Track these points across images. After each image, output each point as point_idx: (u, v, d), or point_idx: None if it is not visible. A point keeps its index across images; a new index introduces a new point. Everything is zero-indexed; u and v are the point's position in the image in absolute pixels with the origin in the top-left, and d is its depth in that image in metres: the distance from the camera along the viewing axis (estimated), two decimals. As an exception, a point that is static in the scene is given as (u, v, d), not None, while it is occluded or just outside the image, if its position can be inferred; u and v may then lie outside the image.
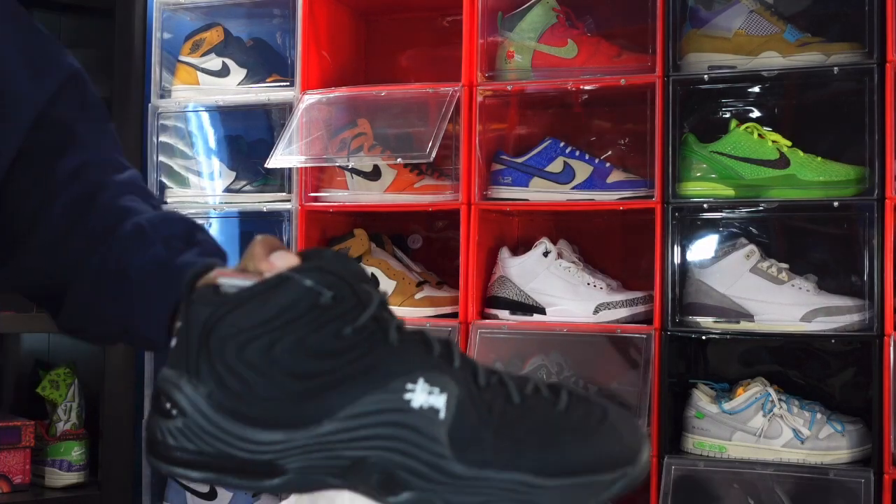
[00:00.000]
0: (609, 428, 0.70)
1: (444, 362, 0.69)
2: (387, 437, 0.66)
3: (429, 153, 2.09)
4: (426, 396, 0.67)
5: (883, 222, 1.91)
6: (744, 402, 2.02)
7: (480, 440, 0.67)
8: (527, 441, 0.68)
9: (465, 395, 0.68)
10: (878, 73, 1.93)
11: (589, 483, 0.67)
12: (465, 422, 0.67)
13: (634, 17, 2.17)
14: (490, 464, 0.67)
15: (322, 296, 0.66)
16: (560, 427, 0.69)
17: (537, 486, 0.67)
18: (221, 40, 2.46)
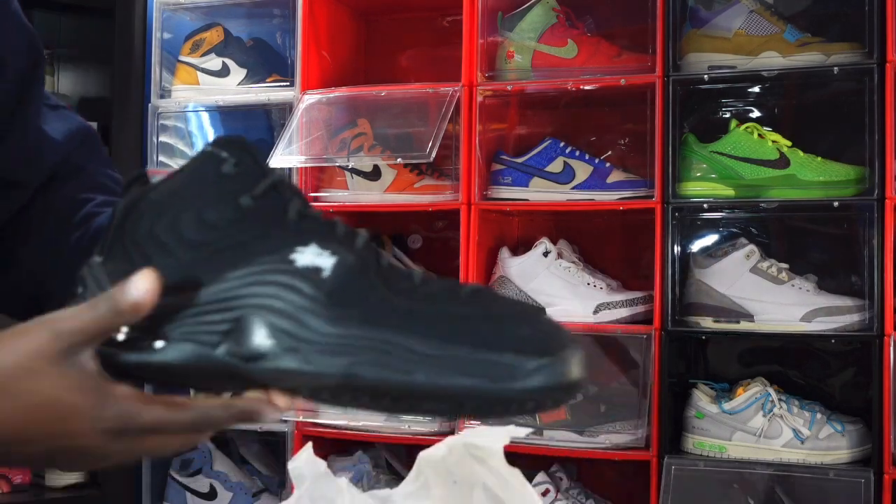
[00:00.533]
0: (527, 311, 0.63)
1: (346, 239, 0.66)
2: (263, 294, 0.63)
3: (429, 153, 2.09)
4: (313, 258, 0.64)
5: (883, 222, 1.91)
6: (744, 402, 2.02)
7: (363, 301, 0.63)
8: (421, 309, 0.62)
9: (358, 265, 0.65)
10: (878, 73, 1.93)
11: (484, 361, 0.60)
12: (351, 285, 0.64)
13: (634, 17, 2.17)
14: (362, 321, 0.62)
15: (225, 163, 0.66)
16: (463, 303, 0.63)
17: (419, 352, 0.60)
18: (221, 40, 2.46)
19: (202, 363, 0.64)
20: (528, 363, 0.59)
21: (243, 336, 0.63)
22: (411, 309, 0.62)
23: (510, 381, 0.59)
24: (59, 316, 0.63)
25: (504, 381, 0.59)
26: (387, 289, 0.64)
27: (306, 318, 0.62)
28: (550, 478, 2.13)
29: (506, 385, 0.59)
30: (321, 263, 0.64)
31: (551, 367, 0.59)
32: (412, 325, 0.61)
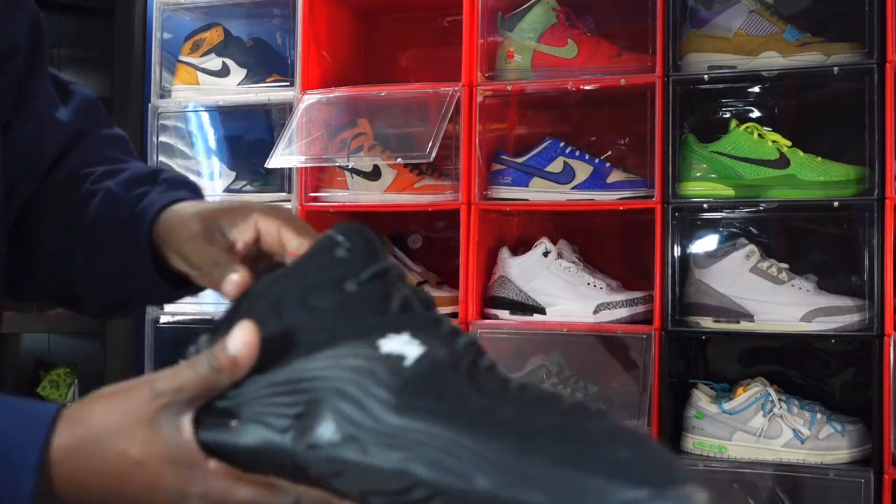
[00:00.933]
0: (624, 429, 0.54)
1: (447, 336, 0.61)
2: (339, 378, 0.60)
3: (429, 153, 2.09)
4: (400, 345, 0.60)
5: (883, 222, 1.91)
6: (744, 402, 2.02)
7: (438, 395, 0.57)
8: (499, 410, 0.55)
9: (448, 360, 0.59)
10: (877, 73, 1.93)
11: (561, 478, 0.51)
12: (432, 378, 0.58)
13: (634, 17, 2.17)
14: (429, 414, 0.56)
15: (339, 247, 0.65)
16: (555, 413, 0.55)
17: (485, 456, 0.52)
18: (221, 40, 2.46)
19: (269, 448, 0.60)
20: (623, 493, 0.50)
21: (311, 421, 0.59)
22: (489, 410, 0.55)
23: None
24: (160, 375, 0.61)
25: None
26: (473, 388, 0.57)
27: (373, 405, 0.58)
28: (550, 478, 2.13)
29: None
30: (406, 352, 0.59)
31: (652, 502, 0.49)
32: (484, 427, 0.54)
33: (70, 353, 2.61)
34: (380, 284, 0.64)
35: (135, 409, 0.60)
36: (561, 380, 2.21)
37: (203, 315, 2.40)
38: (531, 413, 0.55)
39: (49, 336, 2.71)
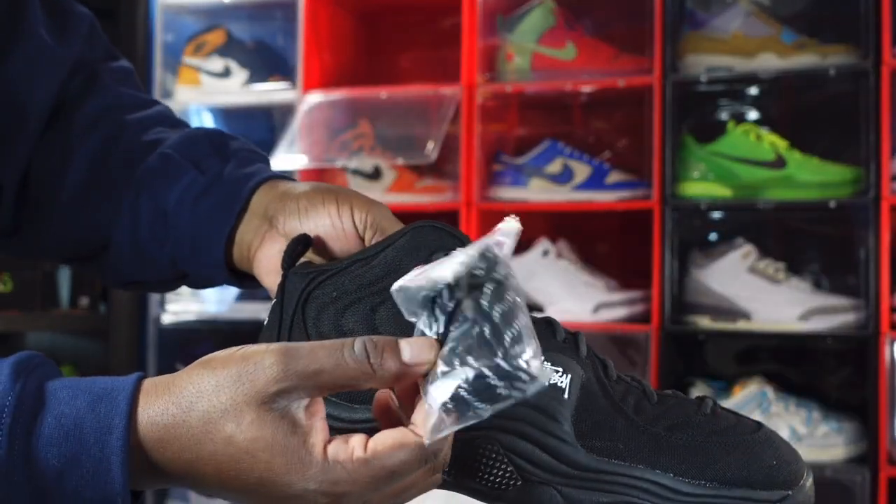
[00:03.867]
0: (765, 441, 0.62)
1: (570, 348, 0.62)
2: (503, 416, 0.55)
3: (430, 154, 2.11)
4: (550, 374, 0.60)
5: (878, 222, 1.93)
6: (741, 400, 2.04)
7: (611, 428, 0.60)
8: (668, 439, 0.60)
9: (593, 380, 0.61)
10: (873, 75, 1.94)
11: (740, 498, 0.59)
12: (593, 407, 0.60)
13: (633, 19, 2.19)
14: (621, 455, 0.59)
15: (434, 254, 0.60)
16: (708, 430, 0.61)
17: (677, 490, 0.59)
18: (224, 42, 2.48)
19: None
20: (776, 495, 0.60)
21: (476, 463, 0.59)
22: (659, 438, 0.60)
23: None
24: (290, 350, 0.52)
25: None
26: (626, 406, 0.61)
27: (558, 447, 0.59)
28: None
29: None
30: (558, 382, 0.59)
31: (794, 498, 0.61)
32: (665, 461, 0.59)
33: (73, 351, 2.63)
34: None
35: (251, 387, 0.51)
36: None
37: (205, 315, 2.41)
38: (693, 436, 0.61)
39: (52, 335, 2.72)
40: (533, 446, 0.59)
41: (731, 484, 0.59)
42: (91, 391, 0.52)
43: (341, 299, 0.60)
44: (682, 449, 0.60)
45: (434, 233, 0.61)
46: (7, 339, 2.65)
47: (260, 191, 0.72)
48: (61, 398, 0.51)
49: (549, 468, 0.59)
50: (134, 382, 0.52)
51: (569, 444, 0.59)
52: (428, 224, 0.62)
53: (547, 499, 0.59)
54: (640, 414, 0.61)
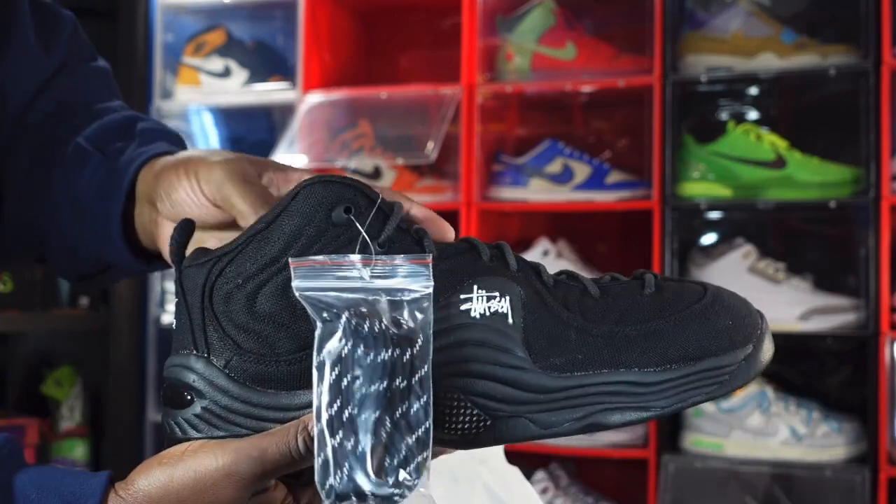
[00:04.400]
0: (715, 302, 0.61)
1: (499, 265, 0.59)
2: (453, 360, 0.56)
3: (429, 154, 2.11)
4: (485, 303, 0.57)
5: (879, 222, 1.93)
6: (741, 400, 2.04)
7: (565, 341, 0.58)
8: (622, 333, 0.59)
9: (531, 295, 0.58)
10: (873, 75, 1.94)
11: (707, 369, 0.58)
12: (541, 323, 0.58)
13: (633, 19, 2.19)
14: (581, 365, 0.57)
15: (333, 211, 0.56)
16: (657, 310, 0.61)
17: (646, 382, 0.58)
18: (224, 42, 2.48)
19: None
20: (738, 355, 0.59)
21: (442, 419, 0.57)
22: (612, 336, 0.59)
23: (734, 380, 0.59)
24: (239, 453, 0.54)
25: (730, 382, 0.59)
26: (570, 311, 0.59)
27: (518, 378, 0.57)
28: (550, 475, 2.15)
29: (733, 385, 0.59)
30: (498, 308, 0.57)
31: (758, 349, 0.60)
32: (626, 358, 0.58)
33: (73, 352, 2.63)
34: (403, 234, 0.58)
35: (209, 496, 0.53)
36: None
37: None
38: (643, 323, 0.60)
39: (53, 335, 2.72)
40: (492, 382, 0.57)
41: (694, 359, 0.58)
42: (60, 495, 0.52)
43: (248, 283, 0.56)
44: (639, 339, 0.59)
45: (325, 188, 0.57)
46: (7, 339, 2.65)
47: (142, 172, 0.70)
48: (30, 500, 0.52)
49: (514, 400, 0.57)
50: (102, 489, 0.53)
51: (527, 371, 0.57)
52: (317, 179, 0.57)
53: (521, 430, 0.58)
54: (588, 314, 0.59)
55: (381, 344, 0.53)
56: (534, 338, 0.57)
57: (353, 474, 0.51)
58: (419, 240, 0.58)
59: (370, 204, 0.57)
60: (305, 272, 0.54)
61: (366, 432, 0.51)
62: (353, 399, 0.52)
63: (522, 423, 0.57)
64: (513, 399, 0.57)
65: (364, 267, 0.54)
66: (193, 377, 0.56)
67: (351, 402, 0.52)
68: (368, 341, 0.53)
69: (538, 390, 0.57)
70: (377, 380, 0.52)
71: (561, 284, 0.61)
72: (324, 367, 0.52)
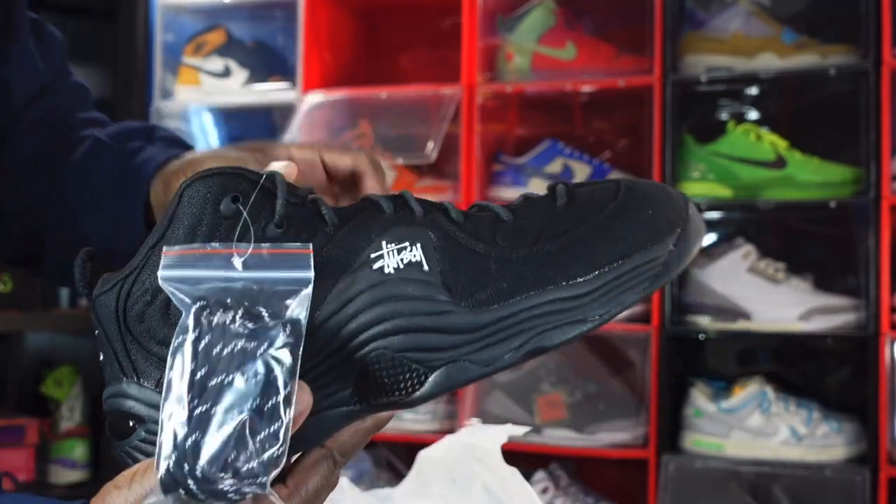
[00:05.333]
0: (629, 196, 0.59)
1: (404, 215, 0.58)
2: (375, 322, 0.55)
3: (429, 154, 2.11)
4: (398, 256, 0.56)
5: (879, 222, 1.93)
6: (741, 400, 2.04)
7: (486, 273, 0.56)
8: (542, 251, 0.57)
9: (441, 236, 0.57)
10: (873, 75, 1.94)
11: (638, 266, 0.57)
12: (458, 262, 0.56)
13: (633, 19, 2.19)
14: (508, 293, 0.55)
15: (221, 203, 0.55)
16: (573, 220, 0.58)
17: (577, 294, 0.56)
18: (224, 42, 2.48)
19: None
20: (667, 243, 0.57)
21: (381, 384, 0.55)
22: (534, 257, 0.56)
23: (669, 269, 0.57)
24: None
25: (664, 272, 0.57)
26: (484, 242, 0.57)
27: (445, 324, 0.55)
28: (550, 475, 2.15)
29: (669, 273, 0.57)
30: (411, 258, 0.56)
31: (687, 230, 0.58)
32: (550, 276, 0.56)
33: (73, 351, 2.63)
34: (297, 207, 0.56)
35: None
36: (560, 378, 2.23)
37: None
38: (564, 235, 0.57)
39: (53, 335, 2.72)
40: (421, 334, 0.55)
41: (621, 257, 0.56)
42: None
43: (157, 297, 0.55)
44: (560, 253, 0.56)
45: (206, 183, 0.55)
46: (7, 339, 2.65)
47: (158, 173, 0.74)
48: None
49: (447, 346, 0.55)
50: None
51: (454, 313, 0.55)
52: (196, 176, 0.56)
53: (462, 373, 0.55)
54: (504, 241, 0.57)
55: (232, 336, 0.51)
56: (453, 279, 0.55)
57: (189, 466, 0.49)
58: (317, 211, 0.57)
59: (253, 187, 0.55)
60: (177, 261, 0.52)
61: (210, 426, 0.50)
62: (199, 390, 0.50)
63: (462, 366, 0.55)
64: (446, 345, 0.55)
65: (238, 257, 0.53)
66: (130, 403, 0.55)
67: (197, 393, 0.50)
68: (217, 333, 0.51)
69: (469, 329, 0.55)
70: (224, 372, 0.50)
71: (471, 218, 0.58)
72: (175, 354, 0.51)
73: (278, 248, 0.53)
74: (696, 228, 0.58)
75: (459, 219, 0.58)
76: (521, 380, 2.20)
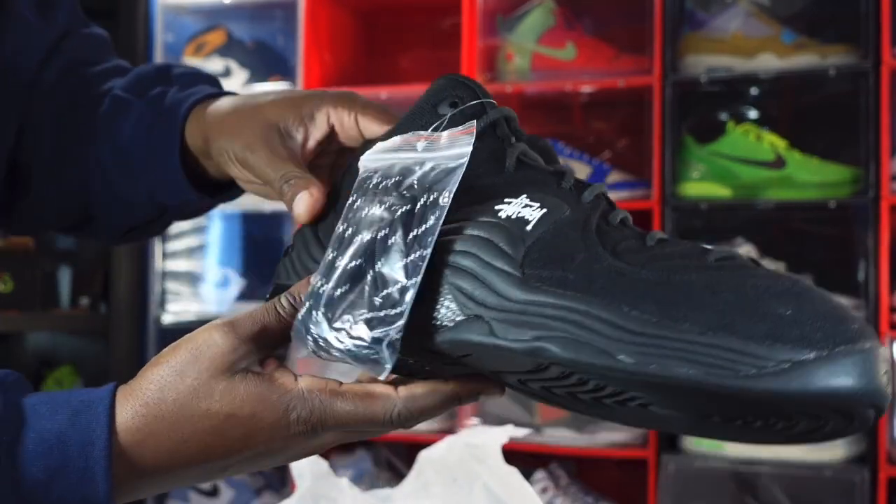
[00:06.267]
0: (791, 287, 0.46)
1: (569, 190, 0.55)
2: (455, 252, 0.53)
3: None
4: (520, 208, 0.53)
5: (878, 222, 1.93)
6: (741, 400, 2.04)
7: (568, 260, 0.50)
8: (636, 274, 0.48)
9: (575, 219, 0.52)
10: (873, 75, 1.95)
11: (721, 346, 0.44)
12: (558, 243, 0.51)
13: (633, 19, 2.19)
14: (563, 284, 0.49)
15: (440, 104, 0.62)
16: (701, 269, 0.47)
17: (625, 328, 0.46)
18: (224, 42, 2.48)
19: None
20: (782, 353, 0.43)
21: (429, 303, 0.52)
22: (625, 273, 0.48)
23: (757, 380, 0.43)
24: (232, 321, 0.54)
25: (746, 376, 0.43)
26: (605, 249, 0.50)
27: (495, 280, 0.51)
28: (550, 475, 2.15)
29: (749, 383, 0.43)
30: (527, 215, 0.52)
31: (827, 362, 0.42)
32: (620, 294, 0.47)
33: (74, 351, 2.63)
34: (491, 140, 0.57)
35: (210, 363, 0.53)
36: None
37: (206, 315, 2.41)
38: (673, 272, 0.48)
39: (53, 335, 2.73)
40: (473, 279, 0.52)
41: (711, 328, 0.44)
42: (70, 404, 0.53)
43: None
44: (650, 286, 0.47)
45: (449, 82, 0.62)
46: (7, 339, 2.65)
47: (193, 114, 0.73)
48: (41, 413, 0.53)
49: (483, 302, 0.51)
50: (111, 392, 0.54)
51: (506, 275, 0.51)
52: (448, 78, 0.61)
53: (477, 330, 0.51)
54: (620, 253, 0.50)
55: (378, 201, 0.54)
56: (542, 248, 0.51)
57: (321, 320, 0.52)
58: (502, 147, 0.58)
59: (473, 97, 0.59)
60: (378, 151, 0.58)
61: (345, 280, 0.52)
62: (337, 243, 0.54)
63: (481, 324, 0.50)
64: (482, 301, 0.51)
65: (423, 142, 0.57)
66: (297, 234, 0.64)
67: (336, 245, 0.54)
68: (369, 196, 0.54)
69: (506, 297, 0.50)
70: (362, 230, 0.53)
71: (619, 229, 0.52)
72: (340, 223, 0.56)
73: (453, 131, 0.56)
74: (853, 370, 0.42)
75: (614, 221, 0.53)
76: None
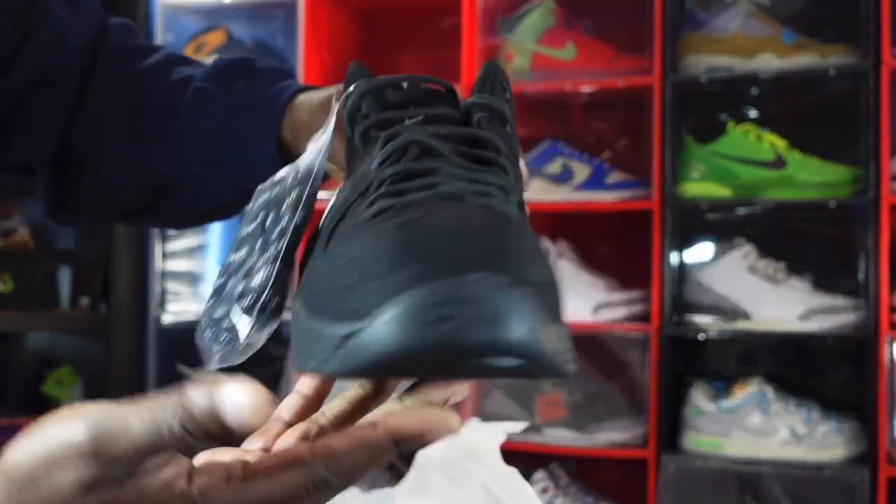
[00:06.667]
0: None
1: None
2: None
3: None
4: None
5: (878, 222, 1.93)
6: (741, 400, 2.04)
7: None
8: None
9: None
10: (873, 75, 1.95)
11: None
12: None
13: (633, 19, 2.19)
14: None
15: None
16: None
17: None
18: (224, 42, 2.48)
19: None
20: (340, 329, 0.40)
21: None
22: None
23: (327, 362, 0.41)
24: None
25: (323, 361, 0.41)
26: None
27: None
28: (549, 475, 2.15)
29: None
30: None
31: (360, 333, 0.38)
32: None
33: (74, 352, 2.63)
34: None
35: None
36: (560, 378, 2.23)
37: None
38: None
39: (53, 335, 2.73)
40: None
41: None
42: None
43: None
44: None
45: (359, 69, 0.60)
46: (7, 339, 2.65)
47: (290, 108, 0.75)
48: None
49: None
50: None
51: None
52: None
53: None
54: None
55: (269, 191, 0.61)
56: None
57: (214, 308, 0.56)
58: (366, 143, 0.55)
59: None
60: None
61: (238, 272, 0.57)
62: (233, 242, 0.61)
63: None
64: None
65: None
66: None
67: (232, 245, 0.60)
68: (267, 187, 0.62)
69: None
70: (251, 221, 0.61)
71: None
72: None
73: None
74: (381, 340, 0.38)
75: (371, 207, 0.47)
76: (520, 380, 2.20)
